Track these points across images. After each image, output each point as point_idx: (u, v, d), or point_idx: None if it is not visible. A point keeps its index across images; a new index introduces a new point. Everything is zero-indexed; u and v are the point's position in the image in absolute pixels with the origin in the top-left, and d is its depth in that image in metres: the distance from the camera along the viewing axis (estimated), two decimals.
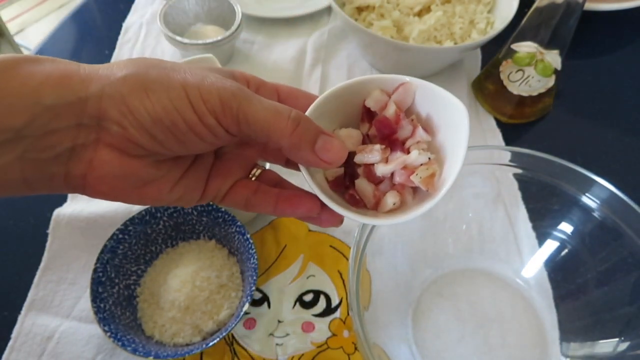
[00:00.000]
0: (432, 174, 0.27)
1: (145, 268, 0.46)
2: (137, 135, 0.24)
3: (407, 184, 0.28)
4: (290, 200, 0.29)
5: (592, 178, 0.41)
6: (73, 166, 0.24)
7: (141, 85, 0.23)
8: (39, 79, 0.22)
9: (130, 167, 0.25)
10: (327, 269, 0.49)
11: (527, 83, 0.57)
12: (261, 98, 0.25)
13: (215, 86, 0.24)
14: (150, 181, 0.26)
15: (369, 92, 0.29)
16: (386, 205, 0.28)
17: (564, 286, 0.46)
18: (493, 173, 0.46)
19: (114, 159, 0.24)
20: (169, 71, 0.24)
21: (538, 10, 0.56)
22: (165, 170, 0.26)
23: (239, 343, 0.44)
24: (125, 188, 0.26)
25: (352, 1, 0.63)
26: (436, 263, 0.48)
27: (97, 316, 0.40)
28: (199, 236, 0.48)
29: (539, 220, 0.49)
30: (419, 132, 0.28)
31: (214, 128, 0.24)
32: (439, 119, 0.29)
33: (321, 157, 0.26)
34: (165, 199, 0.27)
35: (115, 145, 0.24)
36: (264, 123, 0.25)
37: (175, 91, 0.23)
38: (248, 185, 0.30)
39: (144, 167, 0.25)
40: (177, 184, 0.27)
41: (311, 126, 0.26)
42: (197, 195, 0.29)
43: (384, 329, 0.43)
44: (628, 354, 0.39)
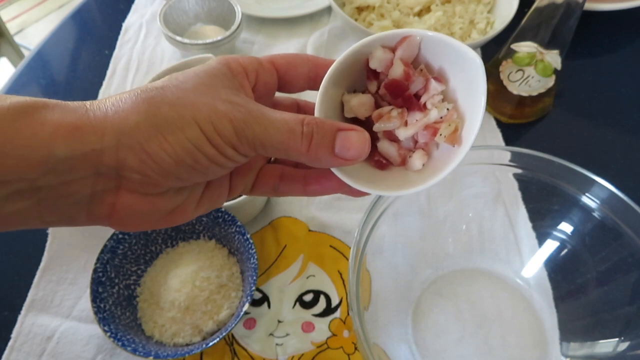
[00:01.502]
0: (456, 129, 0.26)
1: (145, 268, 0.46)
2: (160, 179, 0.24)
3: (429, 142, 0.27)
4: (318, 180, 0.29)
5: (592, 178, 0.41)
6: (94, 208, 0.24)
7: (156, 130, 0.23)
8: (50, 130, 0.21)
9: (155, 205, 0.25)
10: (327, 269, 0.49)
11: (527, 83, 0.57)
12: (271, 116, 0.25)
13: (228, 117, 0.24)
14: (175, 208, 0.26)
15: (370, 51, 0.28)
16: (415, 167, 0.28)
17: (564, 286, 0.46)
18: (493, 173, 0.46)
19: (138, 201, 0.24)
20: (178, 107, 0.24)
21: (538, 10, 0.56)
22: (186, 194, 0.27)
23: (239, 343, 0.44)
24: (152, 221, 0.26)
25: (352, 1, 0.63)
26: (436, 263, 0.48)
27: (97, 316, 0.40)
28: (199, 236, 0.48)
29: (539, 220, 0.49)
30: (432, 84, 0.27)
31: (233, 157, 0.25)
32: (449, 67, 0.28)
33: (344, 157, 0.25)
34: (192, 216, 0.28)
35: (134, 191, 0.24)
36: (280, 145, 0.25)
37: (190, 129, 0.23)
38: (272, 172, 0.29)
39: (167, 200, 0.25)
40: (201, 200, 0.28)
41: (326, 130, 0.25)
42: (223, 196, 0.29)
43: (384, 329, 0.43)
44: (628, 354, 0.39)
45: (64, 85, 0.68)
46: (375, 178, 0.28)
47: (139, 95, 0.24)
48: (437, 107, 0.26)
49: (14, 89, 0.66)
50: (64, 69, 0.70)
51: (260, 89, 0.28)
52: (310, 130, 0.25)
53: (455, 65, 0.27)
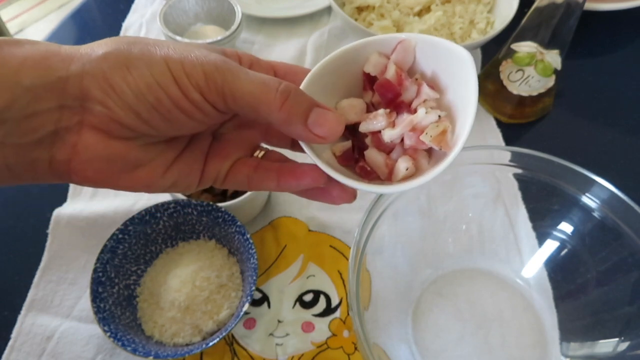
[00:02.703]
0: (444, 131, 0.25)
1: (145, 268, 0.46)
2: (121, 114, 0.22)
3: (418, 147, 0.26)
4: (293, 172, 0.27)
5: (592, 178, 0.41)
6: (57, 151, 0.23)
7: (123, 62, 0.22)
8: (19, 60, 0.21)
9: (117, 150, 0.24)
10: (327, 268, 0.49)
11: (527, 83, 0.57)
12: (248, 70, 0.24)
13: (199, 60, 0.23)
14: (140, 165, 0.25)
15: (367, 58, 0.28)
16: (399, 172, 0.26)
17: (564, 286, 0.46)
18: (493, 173, 0.46)
19: (100, 141, 0.23)
20: (151, 47, 0.23)
21: (538, 10, 0.56)
22: (155, 153, 0.25)
23: (239, 343, 0.44)
24: (113, 172, 0.24)
25: (352, 1, 0.63)
26: (436, 263, 0.48)
27: (97, 316, 0.40)
28: (199, 236, 0.48)
29: (539, 220, 0.49)
30: (425, 90, 0.26)
31: (199, 104, 0.23)
32: (445, 73, 0.27)
33: (315, 131, 0.24)
34: (158, 184, 0.26)
35: (100, 127, 0.23)
36: (251, 96, 0.23)
37: (157, 66, 0.22)
38: (248, 162, 0.28)
39: (133, 150, 0.24)
40: (170, 167, 0.26)
41: (303, 99, 0.24)
42: (194, 180, 0.27)
43: (384, 329, 0.43)
44: (628, 354, 0.39)
45: None
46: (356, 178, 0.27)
47: (116, 37, 0.24)
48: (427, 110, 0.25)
49: None
50: None
51: None
52: (287, 90, 0.24)
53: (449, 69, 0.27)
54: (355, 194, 0.28)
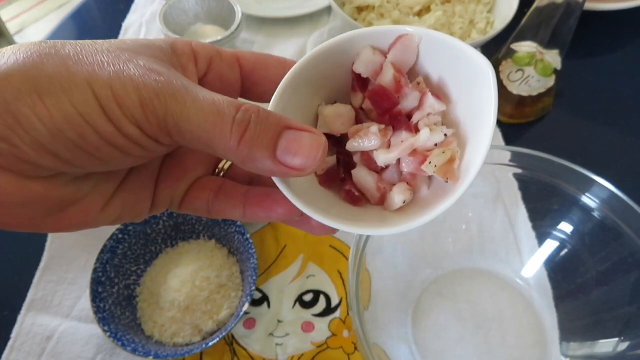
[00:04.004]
0: (452, 159, 0.20)
1: (145, 268, 0.46)
2: (32, 155, 0.17)
3: (418, 174, 0.21)
4: (262, 202, 0.22)
5: (592, 178, 0.41)
6: None
7: (32, 87, 0.17)
8: None
9: (35, 192, 0.18)
10: (327, 268, 0.49)
11: (527, 83, 0.57)
12: (197, 93, 0.18)
13: (134, 82, 0.17)
14: (70, 204, 0.20)
15: (358, 54, 0.22)
16: (393, 205, 0.21)
17: (564, 286, 0.46)
18: (493, 173, 0.46)
19: (11, 184, 0.18)
20: (71, 61, 0.17)
21: (538, 10, 0.56)
22: (89, 188, 0.20)
23: (239, 343, 0.44)
24: (35, 217, 0.19)
25: (352, 1, 0.63)
26: (436, 263, 0.48)
27: (97, 316, 0.40)
28: (199, 236, 0.48)
29: (539, 220, 0.49)
30: (429, 101, 0.21)
31: (138, 140, 0.18)
32: (455, 80, 0.21)
33: (288, 164, 0.19)
34: (97, 221, 0.21)
35: (6, 167, 0.17)
36: (201, 132, 0.18)
37: (79, 92, 0.17)
38: (208, 185, 0.23)
39: (57, 189, 0.19)
40: (111, 200, 0.21)
41: (268, 124, 0.19)
42: (144, 209, 0.23)
43: (384, 329, 0.43)
44: (628, 354, 0.39)
45: None
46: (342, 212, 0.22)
47: (24, 46, 0.18)
48: (432, 129, 0.20)
49: None
50: None
51: (214, 82, 0.22)
52: (247, 118, 0.18)
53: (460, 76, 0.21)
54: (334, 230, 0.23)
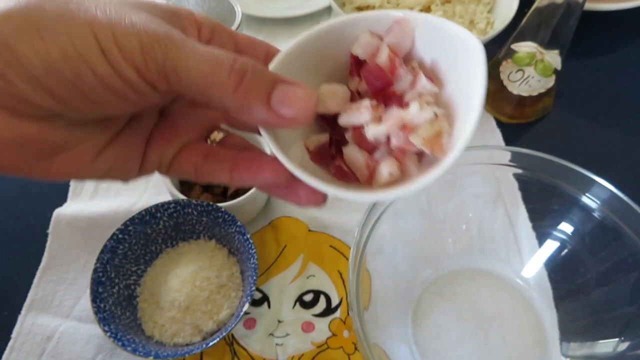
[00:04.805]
0: (439, 133, 0.20)
1: (145, 268, 0.46)
2: (28, 91, 0.18)
3: (407, 148, 0.21)
4: (249, 165, 0.23)
5: (592, 178, 0.41)
6: None
7: (32, 24, 0.17)
8: None
9: (28, 132, 0.19)
10: (327, 269, 0.49)
11: (527, 83, 0.57)
12: (196, 44, 0.19)
13: (135, 28, 0.18)
14: (61, 150, 0.20)
15: (356, 37, 0.23)
16: (381, 177, 0.22)
17: (564, 286, 0.46)
18: (493, 173, 0.46)
19: (3, 121, 0.18)
20: (73, 6, 0.18)
21: (538, 10, 0.56)
22: (82, 136, 0.20)
23: (239, 343, 0.44)
24: (26, 159, 0.20)
25: (352, 1, 0.63)
26: (436, 263, 0.48)
27: (97, 316, 0.40)
28: (199, 236, 0.48)
29: (539, 220, 0.49)
30: (422, 82, 0.22)
31: (134, 84, 0.18)
32: (448, 64, 0.22)
33: (281, 112, 0.20)
34: (86, 172, 0.21)
35: (1, 105, 0.18)
36: (199, 77, 0.19)
37: (79, 31, 0.17)
38: (197, 149, 0.24)
39: (50, 132, 0.19)
40: (103, 152, 0.21)
41: (264, 76, 0.20)
42: (133, 166, 0.23)
43: (384, 329, 0.43)
44: (628, 354, 0.39)
45: None
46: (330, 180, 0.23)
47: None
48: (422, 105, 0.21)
49: None
50: None
51: None
52: (244, 68, 0.19)
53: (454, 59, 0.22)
54: (325, 197, 0.23)
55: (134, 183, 0.55)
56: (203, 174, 0.24)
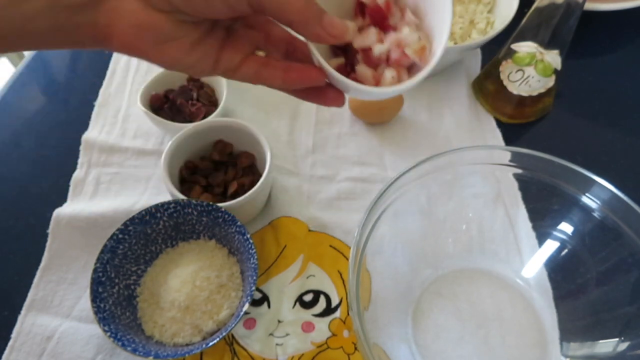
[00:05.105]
0: (423, 47, 0.30)
1: (145, 268, 0.46)
2: None
3: (402, 61, 0.31)
4: (298, 70, 0.31)
5: (592, 178, 0.41)
6: (99, 15, 0.26)
7: None
8: None
9: (153, 19, 0.27)
10: (327, 269, 0.49)
11: (527, 83, 0.57)
12: None
13: None
14: (170, 39, 0.28)
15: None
16: (386, 80, 0.31)
17: (564, 286, 0.46)
18: (493, 173, 0.46)
19: (139, 8, 0.26)
20: None
21: (538, 10, 0.56)
22: (184, 31, 0.28)
23: (239, 343, 0.44)
24: (148, 41, 0.27)
25: None
26: (436, 263, 0.48)
27: (97, 316, 0.40)
28: (199, 236, 0.48)
29: (539, 220, 0.49)
30: (408, 15, 0.31)
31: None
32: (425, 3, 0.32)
33: (328, 31, 0.28)
34: (182, 61, 0.29)
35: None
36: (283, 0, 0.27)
37: None
38: (257, 59, 0.31)
39: (167, 23, 0.27)
40: (195, 46, 0.29)
41: (317, 5, 0.28)
42: (210, 62, 0.30)
43: (384, 329, 0.43)
44: (628, 354, 0.39)
45: (64, 85, 0.68)
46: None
47: None
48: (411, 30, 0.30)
49: (14, 89, 0.66)
50: (63, 69, 0.70)
51: None
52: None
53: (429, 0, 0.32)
54: (344, 100, 0.33)
55: (134, 183, 0.55)
56: (262, 77, 0.31)
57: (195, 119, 0.55)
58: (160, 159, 0.48)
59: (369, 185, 0.55)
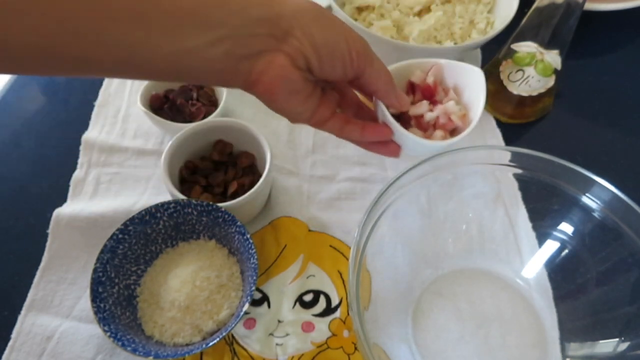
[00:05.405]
0: (465, 114, 0.42)
1: (145, 268, 0.46)
2: (309, 51, 0.33)
3: (447, 124, 0.42)
4: (373, 128, 0.41)
5: (592, 178, 0.41)
6: (256, 64, 0.33)
7: (321, 19, 0.33)
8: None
9: (293, 74, 0.34)
10: (327, 269, 0.49)
11: (527, 83, 0.57)
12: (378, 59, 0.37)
13: (359, 40, 0.35)
14: (297, 91, 0.35)
15: (412, 72, 0.43)
16: (436, 137, 0.41)
17: (564, 286, 0.46)
18: (493, 173, 0.46)
19: (286, 64, 0.33)
20: (334, 17, 0.34)
21: (538, 10, 0.56)
22: (306, 86, 0.36)
23: (239, 343, 0.44)
24: (284, 90, 0.34)
25: (352, 1, 0.63)
26: (436, 263, 0.48)
27: (97, 316, 0.40)
28: (199, 236, 0.48)
29: (539, 220, 0.49)
30: (451, 93, 0.43)
31: (351, 62, 0.35)
32: (463, 83, 0.43)
33: (399, 101, 0.40)
34: (296, 108, 0.36)
35: (290, 55, 0.33)
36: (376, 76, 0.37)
37: (339, 30, 0.34)
38: (341, 116, 0.40)
39: (299, 78, 0.34)
40: (307, 99, 0.36)
41: (394, 82, 0.39)
42: (310, 113, 0.38)
43: (384, 329, 0.43)
44: (628, 354, 0.39)
45: (64, 85, 0.67)
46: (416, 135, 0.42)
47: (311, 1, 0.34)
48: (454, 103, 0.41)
49: (14, 88, 0.66)
50: None
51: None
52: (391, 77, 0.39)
53: (466, 80, 0.43)
54: (400, 152, 0.43)
55: (134, 183, 0.55)
56: (345, 132, 0.40)
57: (195, 119, 0.55)
58: (160, 159, 0.48)
59: (369, 185, 0.55)
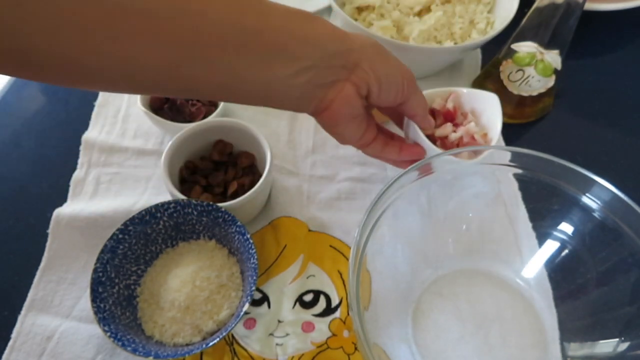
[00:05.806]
0: (485, 134, 0.48)
1: (145, 268, 0.46)
2: (372, 80, 0.38)
3: (470, 143, 0.46)
4: (409, 148, 0.46)
5: (592, 178, 0.41)
6: (329, 92, 0.37)
7: (381, 55, 0.38)
8: (327, 32, 0.35)
9: (357, 101, 0.38)
10: (327, 269, 0.49)
11: (527, 83, 0.57)
12: (419, 90, 0.43)
13: (409, 71, 0.40)
14: (355, 116, 0.40)
15: (433, 100, 0.49)
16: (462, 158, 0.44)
17: (564, 286, 0.46)
18: (493, 173, 0.46)
19: (352, 92, 0.38)
20: (389, 52, 0.39)
21: (538, 10, 0.56)
22: (362, 112, 0.41)
23: (239, 343, 0.44)
24: (347, 115, 0.39)
25: (352, 1, 0.63)
26: (436, 263, 0.48)
27: (97, 316, 0.40)
28: (199, 236, 0.48)
29: (539, 220, 0.49)
30: (469, 116, 0.48)
31: (402, 90, 0.40)
32: (480, 108, 0.49)
33: (430, 124, 0.46)
34: (351, 130, 0.41)
35: (356, 84, 0.37)
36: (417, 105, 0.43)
37: (396, 65, 0.39)
38: (381, 139, 0.45)
39: (360, 104, 0.39)
40: (360, 123, 0.42)
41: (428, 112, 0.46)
42: (359, 135, 0.43)
43: (384, 329, 0.43)
44: (628, 354, 0.39)
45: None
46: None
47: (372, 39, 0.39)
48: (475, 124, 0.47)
49: (13, 89, 0.66)
50: None
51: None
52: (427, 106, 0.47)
53: (482, 105, 0.49)
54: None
55: (134, 183, 0.55)
56: (384, 152, 0.46)
57: (195, 119, 0.55)
58: (160, 159, 0.48)
59: (369, 185, 0.55)
